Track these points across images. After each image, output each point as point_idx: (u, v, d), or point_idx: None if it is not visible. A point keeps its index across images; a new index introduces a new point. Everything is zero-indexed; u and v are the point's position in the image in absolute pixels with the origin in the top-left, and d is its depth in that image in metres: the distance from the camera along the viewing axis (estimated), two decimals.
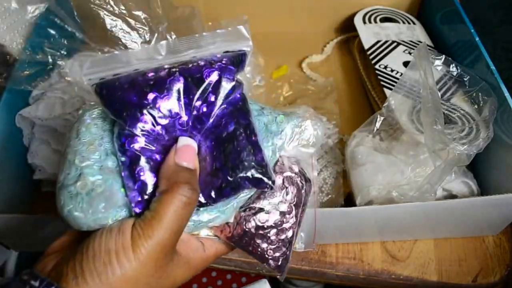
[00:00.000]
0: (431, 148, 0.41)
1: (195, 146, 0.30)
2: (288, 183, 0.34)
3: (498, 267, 0.51)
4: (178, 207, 0.26)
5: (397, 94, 0.49)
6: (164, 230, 0.26)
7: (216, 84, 0.30)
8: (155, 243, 0.26)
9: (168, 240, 0.26)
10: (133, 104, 0.28)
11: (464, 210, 0.46)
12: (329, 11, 0.74)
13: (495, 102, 0.46)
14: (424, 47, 0.43)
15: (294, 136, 0.34)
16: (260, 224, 0.33)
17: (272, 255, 0.34)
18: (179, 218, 0.27)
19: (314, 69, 0.70)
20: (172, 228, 0.26)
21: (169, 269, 0.28)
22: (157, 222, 0.26)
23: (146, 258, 0.26)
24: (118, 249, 0.26)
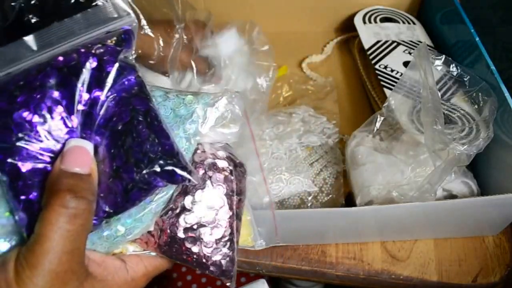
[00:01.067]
0: (431, 148, 0.41)
1: (87, 146, 0.24)
2: (212, 172, 0.29)
3: (498, 267, 0.51)
4: (62, 222, 0.22)
5: (397, 94, 0.49)
6: (50, 255, 0.21)
7: (98, 69, 0.25)
8: (42, 272, 0.21)
9: (59, 265, 0.22)
10: (3, 111, 0.24)
11: (464, 210, 0.46)
12: (329, 11, 0.74)
13: (495, 102, 0.46)
14: (424, 47, 0.43)
15: (208, 116, 0.29)
16: (187, 225, 0.28)
17: (211, 260, 0.29)
18: (67, 236, 0.22)
19: (314, 69, 0.70)
20: (61, 249, 0.22)
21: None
22: (40, 247, 0.21)
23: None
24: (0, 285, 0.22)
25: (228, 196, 0.29)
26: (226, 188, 0.29)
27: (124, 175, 0.25)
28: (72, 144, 0.24)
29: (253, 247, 0.32)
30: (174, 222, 0.28)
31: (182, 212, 0.28)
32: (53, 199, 0.22)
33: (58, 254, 0.22)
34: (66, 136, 0.25)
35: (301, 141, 0.56)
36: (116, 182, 0.25)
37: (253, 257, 0.52)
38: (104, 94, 0.25)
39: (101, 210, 0.25)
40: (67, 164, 0.23)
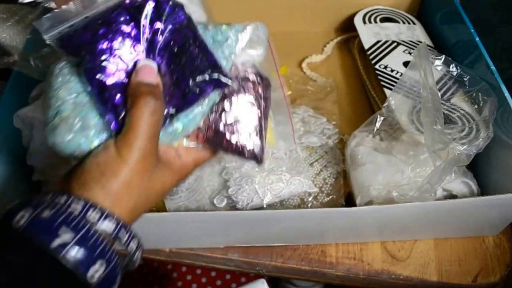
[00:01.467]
0: (431, 148, 0.41)
1: (153, 65, 0.33)
2: (245, 82, 0.37)
3: (498, 267, 0.51)
4: (146, 115, 0.30)
5: (397, 94, 0.49)
6: (140, 138, 0.30)
7: (156, 7, 0.33)
8: (136, 149, 0.30)
9: (147, 146, 0.30)
10: (89, 42, 0.32)
11: (464, 210, 0.46)
12: (329, 11, 0.74)
13: (495, 102, 0.46)
14: (424, 47, 0.43)
15: (240, 40, 0.36)
16: (227, 122, 0.36)
17: (246, 148, 0.37)
18: (150, 125, 0.30)
19: (314, 69, 0.70)
20: (147, 134, 0.30)
21: (155, 173, 0.32)
22: (133, 133, 0.30)
23: (132, 163, 0.30)
24: (107, 160, 0.30)
25: (257, 100, 0.38)
26: (255, 94, 0.37)
27: (182, 83, 0.33)
28: (142, 63, 0.32)
29: (275, 146, 0.40)
30: (217, 120, 0.36)
31: (223, 112, 0.36)
32: (138, 99, 0.30)
33: (145, 138, 0.30)
34: (136, 59, 0.33)
35: (301, 142, 0.56)
36: (176, 90, 0.33)
37: (253, 257, 0.52)
38: (162, 25, 0.33)
39: (166, 112, 0.33)
40: (141, 77, 0.32)
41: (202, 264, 0.54)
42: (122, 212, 0.30)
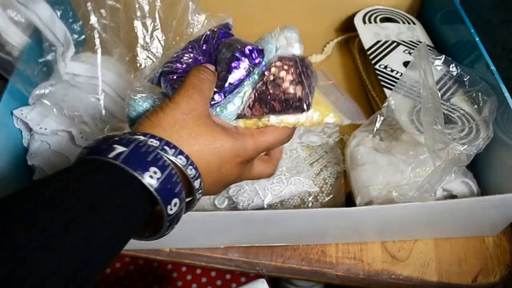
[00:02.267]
0: (431, 148, 0.41)
1: (211, 67, 0.37)
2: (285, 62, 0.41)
3: (498, 267, 0.51)
4: (198, 81, 0.34)
5: (397, 94, 0.49)
6: (196, 93, 0.34)
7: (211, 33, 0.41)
8: (184, 96, 0.33)
9: (195, 96, 0.33)
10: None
11: (464, 210, 0.46)
12: (329, 11, 0.74)
13: (495, 102, 0.46)
14: (424, 47, 0.43)
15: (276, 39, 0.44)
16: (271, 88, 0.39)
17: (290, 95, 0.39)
18: (201, 88, 0.34)
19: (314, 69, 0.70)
20: (200, 93, 0.34)
21: (214, 129, 0.34)
22: (183, 85, 0.34)
23: (183, 105, 0.33)
24: (162, 106, 0.33)
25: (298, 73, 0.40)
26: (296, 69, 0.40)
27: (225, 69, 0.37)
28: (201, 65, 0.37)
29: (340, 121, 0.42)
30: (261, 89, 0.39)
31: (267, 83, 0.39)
32: (192, 72, 0.35)
33: (199, 93, 0.34)
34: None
35: (301, 141, 0.56)
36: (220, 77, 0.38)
37: (253, 257, 0.52)
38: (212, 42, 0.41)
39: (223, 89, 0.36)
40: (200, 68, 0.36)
41: (202, 264, 0.54)
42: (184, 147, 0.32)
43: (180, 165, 0.30)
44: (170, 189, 0.29)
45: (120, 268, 0.70)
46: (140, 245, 0.53)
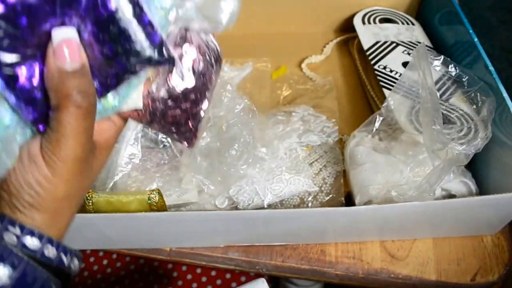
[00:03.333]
0: (430, 148, 0.41)
1: (75, 35, 0.24)
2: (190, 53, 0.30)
3: (496, 266, 0.52)
4: (77, 120, 0.25)
5: (396, 94, 0.49)
6: (73, 146, 0.25)
7: None
8: (70, 160, 0.25)
9: (81, 151, 0.26)
10: None
11: (463, 210, 0.47)
12: (329, 12, 0.74)
13: (493, 102, 0.47)
14: (423, 47, 0.43)
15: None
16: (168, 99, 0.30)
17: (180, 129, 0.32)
18: (83, 129, 0.25)
19: (313, 70, 0.70)
20: (80, 140, 0.25)
21: (93, 164, 0.28)
22: (64, 143, 0.25)
23: (68, 176, 0.26)
24: (38, 180, 0.25)
25: (203, 78, 0.31)
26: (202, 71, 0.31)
27: (115, 63, 0.25)
28: (59, 36, 0.23)
29: None
30: (158, 97, 0.30)
31: (164, 87, 0.30)
32: (66, 101, 0.24)
33: (82, 146, 0.26)
34: (48, 23, 0.23)
35: (301, 141, 0.56)
36: (107, 68, 0.26)
37: (253, 256, 0.53)
38: None
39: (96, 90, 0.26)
40: (61, 60, 0.23)
41: (202, 263, 0.54)
42: (63, 225, 0.28)
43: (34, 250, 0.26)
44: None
45: (121, 267, 0.70)
46: (140, 244, 0.54)
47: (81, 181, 0.27)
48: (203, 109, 0.32)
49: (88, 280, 0.68)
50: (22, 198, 0.26)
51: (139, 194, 0.47)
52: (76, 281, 0.68)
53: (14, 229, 0.25)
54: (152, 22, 0.25)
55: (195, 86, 0.30)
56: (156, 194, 0.47)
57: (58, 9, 0.22)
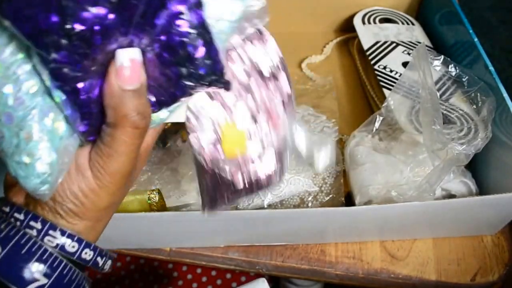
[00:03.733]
0: (430, 148, 0.41)
1: (139, 56, 0.24)
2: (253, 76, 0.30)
3: (496, 266, 0.52)
4: (132, 139, 0.25)
5: (396, 94, 0.49)
6: (123, 162, 0.26)
7: None
8: (119, 175, 0.26)
9: (130, 166, 0.27)
10: (54, 25, 0.21)
11: (463, 210, 0.47)
12: (329, 12, 0.74)
13: (493, 102, 0.47)
14: (423, 47, 0.43)
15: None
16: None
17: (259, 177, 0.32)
18: (136, 147, 0.26)
19: (313, 70, 0.70)
20: (131, 157, 0.26)
21: (134, 175, 0.29)
22: (116, 159, 0.26)
23: (114, 189, 0.27)
24: (84, 190, 0.26)
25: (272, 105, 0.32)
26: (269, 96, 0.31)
27: (176, 84, 0.26)
28: (124, 57, 0.24)
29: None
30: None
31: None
32: (123, 120, 0.24)
33: (131, 162, 0.26)
34: (116, 41, 0.23)
35: None
36: (166, 87, 0.26)
37: (253, 256, 0.53)
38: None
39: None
40: (122, 81, 0.24)
41: (203, 263, 0.54)
42: (100, 230, 0.29)
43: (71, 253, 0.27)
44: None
45: (121, 267, 0.70)
46: (140, 244, 0.54)
47: (123, 192, 0.28)
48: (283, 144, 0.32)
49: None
50: (66, 206, 0.26)
51: (139, 194, 0.47)
52: None
53: (55, 232, 0.26)
54: (217, 48, 0.26)
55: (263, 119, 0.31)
56: (156, 194, 0.47)
57: (132, 30, 0.23)
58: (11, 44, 0.23)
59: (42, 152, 0.24)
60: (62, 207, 0.26)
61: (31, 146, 0.24)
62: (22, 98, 0.23)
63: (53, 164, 0.24)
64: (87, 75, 0.24)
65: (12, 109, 0.23)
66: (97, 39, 0.22)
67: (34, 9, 0.20)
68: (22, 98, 0.23)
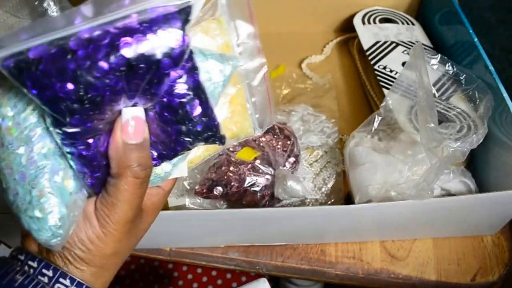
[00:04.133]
0: (426, 146, 0.41)
1: (142, 114, 0.27)
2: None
3: (496, 266, 0.52)
4: (134, 188, 0.27)
5: (394, 94, 0.49)
6: (126, 210, 0.28)
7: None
8: (122, 222, 0.28)
9: (132, 215, 0.28)
10: (70, 93, 0.23)
11: (462, 208, 0.47)
12: (329, 12, 0.74)
13: (491, 99, 0.47)
14: (420, 46, 0.43)
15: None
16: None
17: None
18: (137, 196, 0.28)
19: (314, 70, 0.71)
20: (133, 205, 0.28)
21: (141, 225, 0.31)
22: (119, 207, 0.28)
23: (119, 236, 0.29)
24: (91, 238, 0.28)
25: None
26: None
27: (176, 140, 0.28)
28: (128, 115, 0.26)
29: (252, 135, 0.38)
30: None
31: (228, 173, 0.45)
32: (126, 171, 0.27)
33: (131, 209, 0.28)
34: (121, 102, 0.25)
35: (301, 142, 0.56)
36: (167, 143, 0.29)
37: (253, 256, 0.53)
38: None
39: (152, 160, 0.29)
40: (127, 136, 0.26)
41: (203, 263, 0.54)
42: (108, 279, 0.30)
43: None
44: None
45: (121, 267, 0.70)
46: (140, 244, 0.54)
47: (128, 240, 0.30)
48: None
49: None
50: (74, 252, 0.28)
51: None
52: None
53: (65, 280, 0.28)
54: (212, 106, 0.28)
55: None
56: None
57: (138, 94, 0.25)
58: (27, 109, 0.26)
59: (53, 207, 0.26)
60: (71, 253, 0.28)
61: (43, 202, 0.26)
62: (34, 158, 0.26)
63: (63, 218, 0.26)
64: (96, 132, 0.26)
65: (25, 168, 0.26)
66: (107, 102, 0.24)
67: (51, 79, 0.22)
68: (34, 158, 0.26)
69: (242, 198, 0.49)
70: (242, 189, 0.48)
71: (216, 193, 0.48)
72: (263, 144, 0.51)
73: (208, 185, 0.49)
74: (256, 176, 0.48)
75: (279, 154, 0.50)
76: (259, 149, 0.51)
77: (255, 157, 0.50)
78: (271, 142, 0.52)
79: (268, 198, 0.49)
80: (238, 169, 0.49)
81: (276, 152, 0.50)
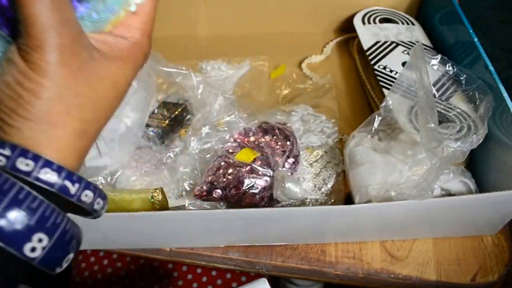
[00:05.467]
0: (426, 146, 0.41)
1: None
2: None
3: (496, 266, 0.52)
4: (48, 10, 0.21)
5: (394, 94, 0.49)
6: (47, 30, 0.21)
7: None
8: (50, 48, 0.21)
9: (61, 36, 0.21)
10: None
11: (462, 208, 0.47)
12: (329, 12, 0.74)
13: (491, 99, 0.47)
14: (420, 46, 0.43)
15: None
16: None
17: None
18: (51, 7, 0.21)
19: (313, 70, 0.71)
20: (54, 21, 0.21)
21: (95, 68, 0.23)
22: (34, 28, 0.21)
23: (53, 69, 0.22)
24: (17, 78, 0.21)
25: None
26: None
27: None
28: None
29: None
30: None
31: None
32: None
33: (54, 27, 0.21)
34: None
35: (301, 142, 0.56)
36: None
37: (253, 257, 0.53)
38: None
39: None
40: None
41: (203, 263, 0.54)
42: (64, 143, 0.23)
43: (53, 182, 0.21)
44: (60, 257, 0.22)
45: (121, 267, 0.70)
46: (140, 244, 0.54)
47: (74, 83, 0.22)
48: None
49: (88, 280, 0.69)
50: (5, 105, 0.21)
51: (142, 192, 0.47)
52: (76, 281, 0.68)
53: (26, 160, 0.21)
54: None
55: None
56: (160, 192, 0.47)
57: None
58: None
59: None
60: (0, 108, 0.22)
61: None
62: None
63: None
64: None
65: None
66: None
67: None
68: None
69: (241, 200, 0.49)
70: (241, 191, 0.48)
71: (215, 196, 0.48)
72: (262, 144, 0.51)
73: (207, 188, 0.49)
74: (254, 178, 0.48)
75: (278, 155, 0.50)
76: (258, 149, 0.51)
77: (254, 158, 0.50)
78: (271, 143, 0.52)
79: (267, 200, 0.49)
80: (236, 171, 0.49)
81: (275, 153, 0.50)
